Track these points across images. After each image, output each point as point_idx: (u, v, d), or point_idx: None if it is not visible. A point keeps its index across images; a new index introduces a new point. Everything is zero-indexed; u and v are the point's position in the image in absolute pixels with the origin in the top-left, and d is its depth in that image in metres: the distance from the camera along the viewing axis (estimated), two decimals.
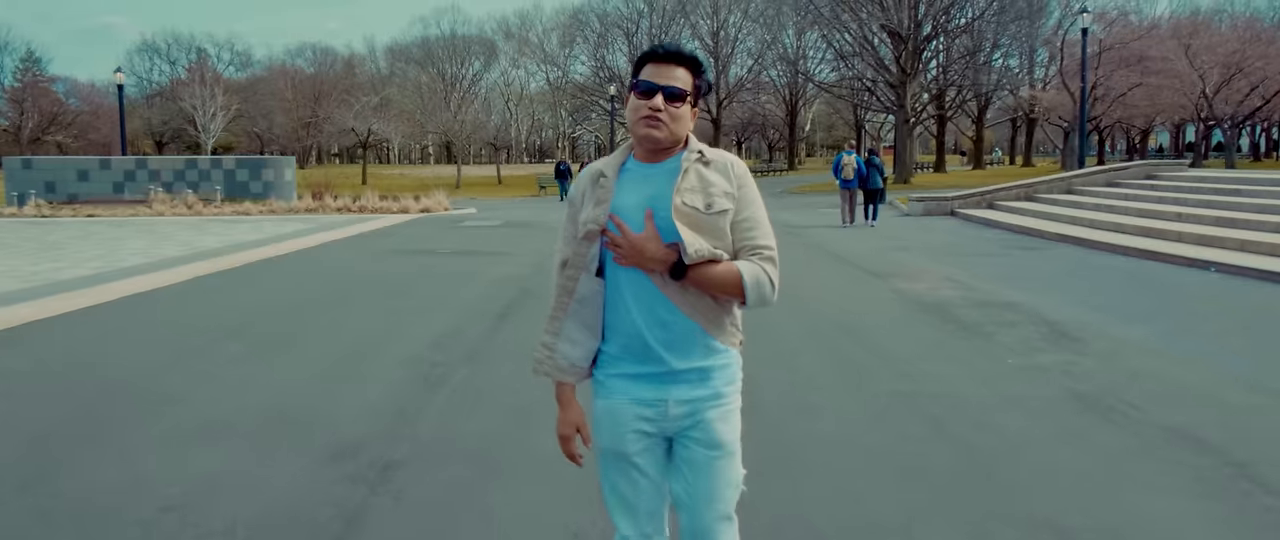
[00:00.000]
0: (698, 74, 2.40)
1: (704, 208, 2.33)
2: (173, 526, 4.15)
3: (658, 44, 2.43)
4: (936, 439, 5.36)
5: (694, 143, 2.45)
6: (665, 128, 2.35)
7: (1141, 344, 7.95)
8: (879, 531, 4.06)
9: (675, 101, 2.35)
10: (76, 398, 6.50)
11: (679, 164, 2.38)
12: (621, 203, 2.35)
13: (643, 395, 2.39)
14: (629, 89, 2.43)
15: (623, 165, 2.44)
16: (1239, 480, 4.62)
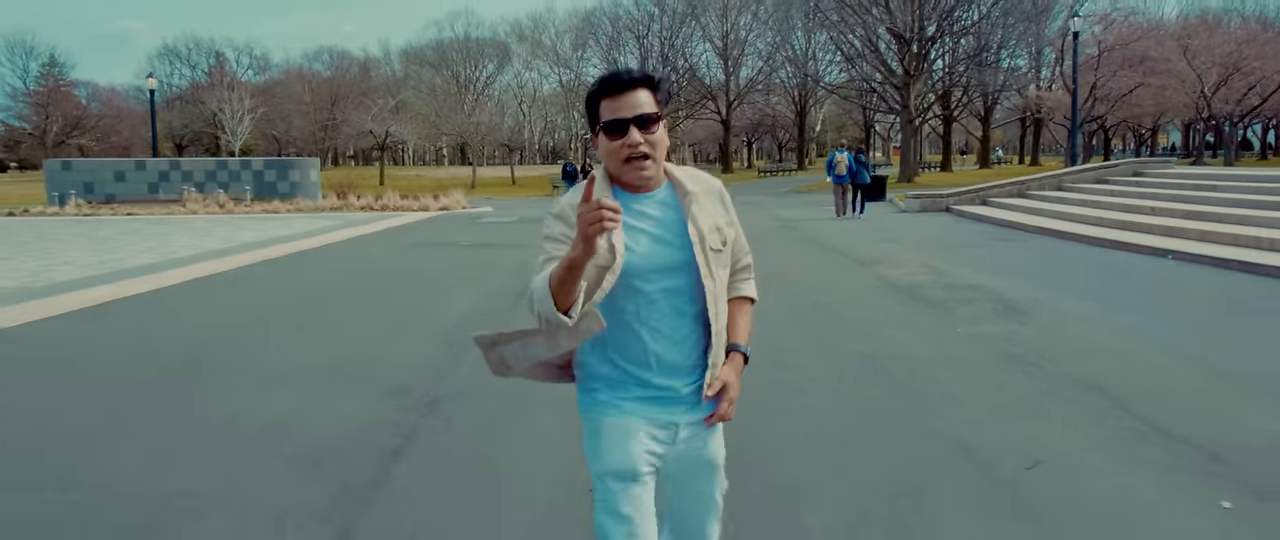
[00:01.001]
0: (656, 89, 2.32)
1: (722, 245, 2.39)
2: (274, 440, 5.39)
3: (606, 75, 2.33)
4: (881, 385, 6.55)
5: (675, 171, 2.40)
6: (651, 164, 2.30)
7: (1080, 317, 9.11)
8: (822, 444, 5.25)
9: (649, 127, 2.27)
10: (167, 357, 7.76)
11: (668, 195, 2.36)
12: (632, 238, 2.29)
13: (657, 417, 2.37)
14: (594, 130, 2.34)
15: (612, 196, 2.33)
16: (1115, 410, 5.80)
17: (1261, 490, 4.43)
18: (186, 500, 4.44)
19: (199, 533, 4.08)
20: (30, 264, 13.63)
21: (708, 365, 2.38)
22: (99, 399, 6.42)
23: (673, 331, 2.34)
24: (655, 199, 2.34)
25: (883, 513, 4.22)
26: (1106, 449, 5.10)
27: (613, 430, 2.37)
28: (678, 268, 2.31)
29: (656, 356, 2.34)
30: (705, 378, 2.38)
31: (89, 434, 5.62)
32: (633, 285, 2.30)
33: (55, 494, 4.59)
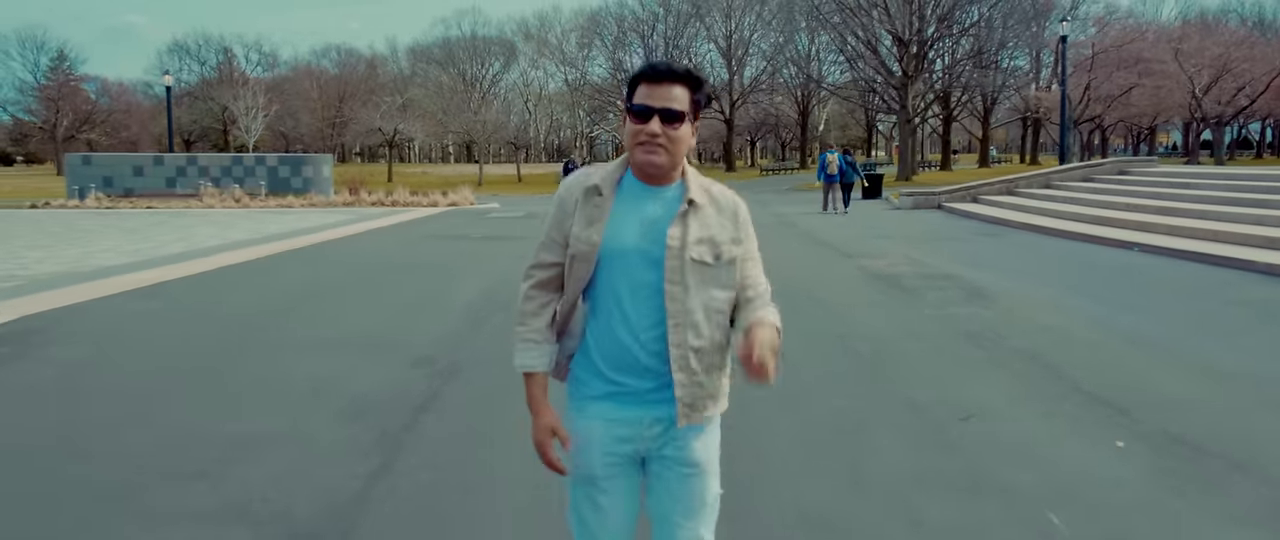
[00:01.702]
0: (696, 89, 2.31)
1: (712, 259, 2.30)
2: (322, 395, 6.32)
3: (652, 62, 2.36)
4: (847, 357, 7.47)
5: (693, 177, 2.36)
6: (664, 153, 2.27)
7: (1039, 301, 10.02)
8: (785, 396, 6.16)
9: (673, 123, 2.26)
10: (220, 329, 8.72)
11: (676, 195, 2.33)
12: (617, 227, 2.30)
13: (618, 415, 2.35)
14: (624, 111, 2.35)
15: (619, 181, 2.36)
16: (1048, 376, 6.72)
17: (1150, 435, 5.33)
18: (254, 439, 5.37)
19: (268, 463, 5.00)
20: (71, 251, 14.65)
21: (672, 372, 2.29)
22: (166, 362, 7.38)
23: (639, 326, 2.30)
24: (662, 196, 2.32)
25: (828, 441, 5.15)
26: (1031, 404, 6.02)
27: (575, 436, 2.38)
28: (650, 265, 2.28)
29: (622, 348, 2.31)
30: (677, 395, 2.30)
31: (162, 389, 6.56)
32: (609, 271, 2.31)
33: (141, 432, 5.51)
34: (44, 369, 7.17)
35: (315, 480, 4.69)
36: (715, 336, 2.34)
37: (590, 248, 2.29)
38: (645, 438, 2.35)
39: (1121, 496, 4.41)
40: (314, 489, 4.56)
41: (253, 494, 4.49)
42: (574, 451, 2.39)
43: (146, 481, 4.70)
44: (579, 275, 2.32)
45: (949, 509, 4.27)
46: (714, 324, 2.33)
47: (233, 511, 4.28)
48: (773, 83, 77.20)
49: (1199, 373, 6.82)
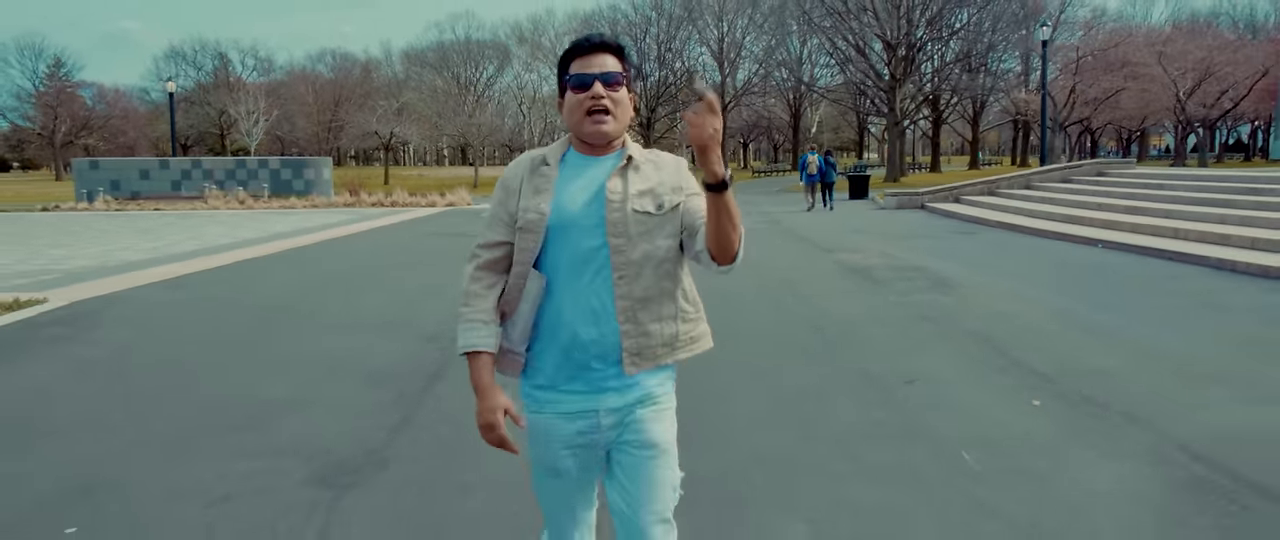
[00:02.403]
0: (624, 58, 2.38)
1: (655, 209, 2.33)
2: (345, 366, 7.17)
3: (577, 38, 2.41)
4: (815, 336, 8.32)
5: (632, 143, 2.43)
6: (611, 119, 2.33)
7: (996, 290, 10.88)
8: (752, 367, 7.02)
9: (614, 86, 2.32)
10: (246, 314, 9.56)
11: (617, 160, 2.37)
12: (563, 191, 2.33)
13: (573, 408, 2.36)
14: (560, 91, 2.39)
15: (563, 156, 2.42)
16: (991, 352, 7.57)
17: (1066, 397, 6.18)
18: (290, 401, 6.21)
19: (305, 418, 5.83)
20: (93, 249, 15.50)
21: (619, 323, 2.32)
22: (200, 342, 8.22)
23: (590, 294, 2.31)
24: (604, 163, 2.37)
25: (788, 402, 5.99)
26: (971, 375, 6.87)
27: (532, 427, 2.42)
28: (594, 224, 2.30)
29: (572, 323, 2.32)
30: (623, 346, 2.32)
31: (201, 364, 7.40)
32: (557, 241, 2.32)
33: (190, 396, 6.35)
34: (97, 348, 8.02)
35: (348, 430, 5.53)
36: (663, 285, 2.36)
37: (539, 216, 2.31)
38: (603, 428, 2.36)
39: (1026, 441, 5.27)
40: (348, 436, 5.40)
41: (296, 439, 5.33)
42: (533, 444, 2.44)
43: (204, 433, 5.54)
44: (527, 247, 2.33)
45: (884, 451, 5.12)
46: (662, 273, 2.35)
47: (283, 451, 5.13)
48: (765, 85, 78.05)
49: (1126, 350, 7.66)
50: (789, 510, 4.24)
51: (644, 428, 2.38)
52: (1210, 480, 4.57)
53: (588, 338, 2.32)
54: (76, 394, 6.52)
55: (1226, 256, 12.63)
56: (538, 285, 2.34)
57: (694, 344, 2.49)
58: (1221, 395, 6.15)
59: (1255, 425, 5.47)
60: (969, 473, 4.74)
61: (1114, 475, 4.68)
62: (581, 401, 2.36)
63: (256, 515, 4.25)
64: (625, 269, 2.31)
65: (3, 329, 8.69)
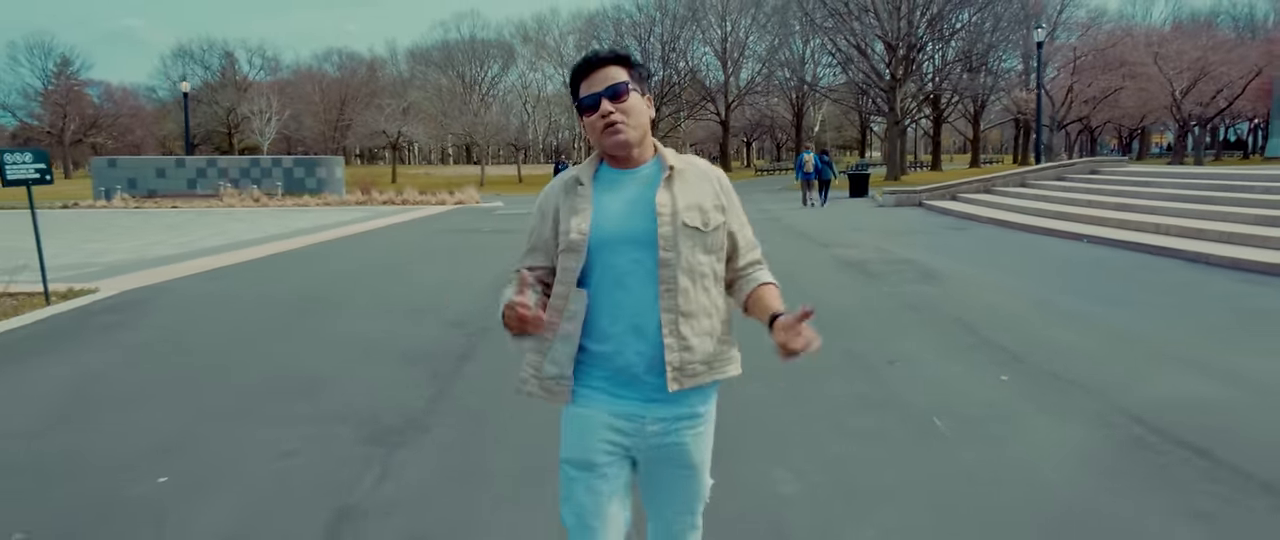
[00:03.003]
0: (630, 66, 2.39)
1: (702, 225, 2.36)
2: (380, 347, 7.89)
3: (583, 56, 2.42)
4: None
5: (666, 150, 2.45)
6: (627, 128, 2.34)
7: (980, 281, 11.58)
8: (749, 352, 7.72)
9: (620, 97, 2.33)
10: (284, 302, 10.30)
11: (656, 170, 2.39)
12: (602, 214, 2.35)
13: (620, 410, 2.38)
14: (578, 111, 2.41)
15: (596, 172, 2.44)
16: (968, 334, 8.27)
17: (1031, 372, 6.88)
18: (333, 376, 6.93)
19: (349, 390, 6.55)
20: (128, 243, 16.28)
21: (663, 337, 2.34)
22: (243, 326, 8.97)
23: (631, 307, 2.34)
24: (639, 175, 2.39)
25: (780, 379, 6.70)
26: (947, 353, 7.58)
27: (574, 420, 2.42)
28: (643, 240, 2.32)
29: (618, 338, 2.35)
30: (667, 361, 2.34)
31: (247, 345, 8.14)
32: (600, 258, 2.34)
33: (241, 372, 7.08)
34: (151, 332, 8.76)
35: (389, 399, 6.25)
36: (701, 301, 2.40)
37: (581, 237, 2.33)
38: (647, 434, 2.39)
39: (990, 409, 5.97)
40: (389, 405, 6.12)
41: (345, 409, 6.05)
42: (570, 435, 2.44)
43: (261, 404, 6.26)
44: (570, 267, 2.35)
45: (864, 418, 5.82)
46: (701, 288, 2.39)
47: (333, 417, 5.85)
48: (768, 85, 78.66)
49: (1093, 334, 8.35)
50: (777, 462, 4.95)
51: (685, 449, 2.44)
52: (1146, 440, 5.27)
53: (634, 352, 2.35)
54: (139, 372, 7.25)
55: (1202, 250, 13.32)
56: (581, 303, 2.36)
57: (727, 366, 2.52)
58: (1171, 372, 6.85)
59: (1195, 396, 6.17)
60: (937, 434, 5.44)
61: (1063, 436, 5.39)
62: (632, 406, 2.38)
63: (320, 467, 4.97)
64: (671, 282, 2.33)
65: (62, 315, 9.46)
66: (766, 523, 4.16)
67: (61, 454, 5.22)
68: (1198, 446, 5.09)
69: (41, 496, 4.58)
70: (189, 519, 4.27)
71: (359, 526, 4.18)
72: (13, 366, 7.46)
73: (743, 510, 4.28)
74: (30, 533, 4.13)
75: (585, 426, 2.40)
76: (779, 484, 4.65)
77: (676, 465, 2.44)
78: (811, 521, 4.20)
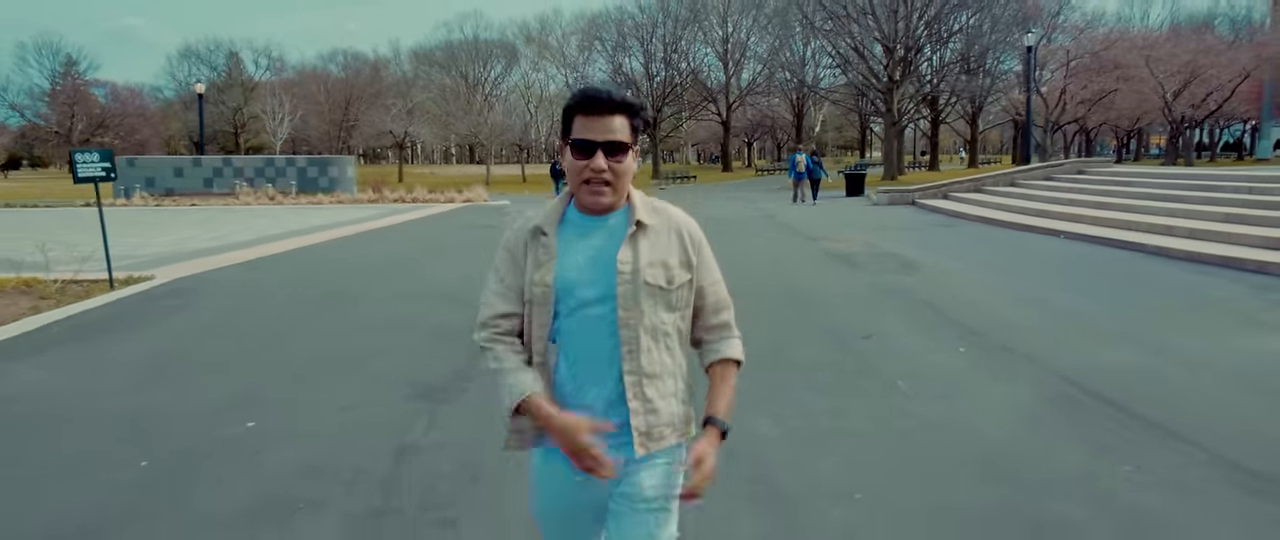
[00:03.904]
0: (635, 115, 2.26)
1: (665, 283, 2.29)
2: (413, 326, 8.91)
3: (587, 91, 2.25)
4: (791, 305, 10.04)
5: (639, 199, 2.34)
6: (610, 191, 2.25)
7: (953, 272, 12.58)
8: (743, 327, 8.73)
9: (617, 155, 2.23)
10: (320, 288, 11.32)
11: (624, 221, 2.31)
12: (567, 264, 2.27)
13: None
14: (562, 141, 2.28)
15: (562, 216, 2.34)
16: (933, 314, 9.28)
17: (986, 345, 7.89)
18: (375, 349, 7.94)
19: (391, 360, 7.55)
20: (163, 238, 17.33)
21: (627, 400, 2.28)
22: (288, 309, 10.00)
23: (593, 363, 2.29)
24: (607, 223, 2.30)
25: (765, 349, 7.71)
26: (913, 330, 8.59)
27: (539, 473, 2.41)
28: (603, 296, 2.26)
29: (576, 389, 2.30)
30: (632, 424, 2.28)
31: (295, 324, 9.16)
32: (561, 308, 2.28)
33: (294, 346, 8.10)
34: (208, 312, 9.80)
35: (428, 367, 7.26)
36: (665, 361, 2.33)
37: (545, 289, 2.26)
38: (602, 483, 2.30)
39: (946, 374, 6.98)
40: (429, 371, 7.13)
41: (390, 373, 7.06)
42: (542, 493, 2.43)
43: (316, 370, 7.28)
44: (541, 321, 2.29)
45: (839, 381, 6.83)
46: (662, 347, 2.32)
47: (381, 380, 6.86)
48: (769, 86, 79.51)
49: (1048, 315, 9.36)
50: (762, 414, 5.95)
51: (643, 483, 2.33)
52: (1074, 397, 6.27)
53: (589, 397, 2.30)
54: (206, 345, 8.28)
55: (1165, 244, 14.33)
56: (553, 355, 2.31)
57: (689, 426, 2.42)
58: (1107, 346, 7.86)
59: (1123, 365, 7.17)
60: (898, 393, 6.45)
61: (1002, 393, 6.40)
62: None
63: (378, 416, 5.98)
64: (632, 343, 2.27)
65: (128, 299, 10.52)
66: (750, 456, 5.15)
67: (159, 406, 6.23)
68: (1115, 402, 6.09)
69: (151, 437, 5.59)
70: (279, 452, 5.27)
71: (419, 458, 5.18)
72: (97, 339, 8.49)
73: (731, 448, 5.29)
74: (151, 463, 5.14)
75: (549, 477, 2.39)
76: (761, 428, 5.65)
77: (637, 499, 2.32)
78: (786, 454, 5.20)
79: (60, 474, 4.93)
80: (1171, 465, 4.92)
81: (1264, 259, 12.25)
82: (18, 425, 5.86)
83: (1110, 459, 5.01)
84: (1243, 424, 5.60)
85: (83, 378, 7.06)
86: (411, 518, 4.36)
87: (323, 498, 4.56)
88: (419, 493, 4.66)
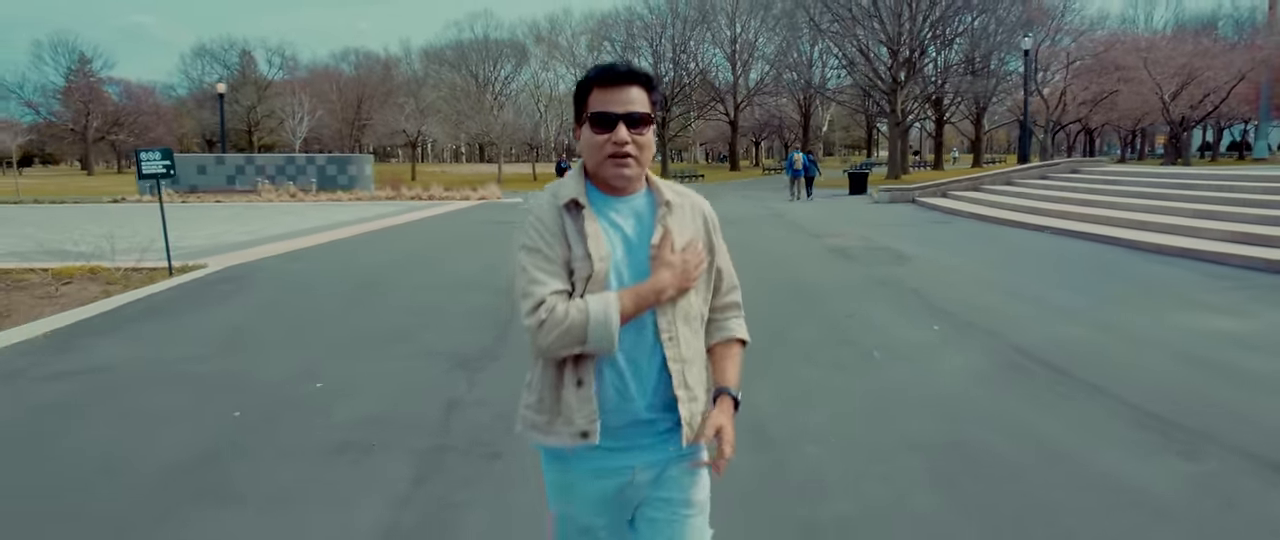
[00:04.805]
0: (652, 90, 2.19)
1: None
2: (445, 308, 9.96)
3: (606, 64, 2.17)
4: (792, 293, 11.07)
5: (655, 180, 2.28)
6: (635, 163, 2.17)
7: (942, 263, 13.59)
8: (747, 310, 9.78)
9: (640, 127, 2.15)
10: (357, 277, 12.38)
11: (646, 202, 2.25)
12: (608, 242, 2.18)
13: (607, 464, 2.24)
14: (578, 120, 2.20)
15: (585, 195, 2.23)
16: (918, 300, 10.31)
17: (957, 324, 8.90)
18: (415, 326, 9.00)
19: (431, 334, 8.59)
20: (201, 232, 18.44)
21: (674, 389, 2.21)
22: (332, 293, 11.07)
23: (637, 350, 2.19)
24: (631, 205, 2.22)
25: (765, 328, 8.72)
26: (898, 313, 9.62)
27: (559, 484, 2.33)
28: (639, 278, 2.16)
29: (617, 378, 2.20)
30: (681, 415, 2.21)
31: (341, 305, 10.23)
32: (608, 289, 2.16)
33: (344, 324, 9.16)
34: (262, 295, 10.89)
35: (463, 342, 8.30)
36: (697, 346, 2.30)
37: (603, 263, 2.15)
38: (638, 484, 2.26)
39: (918, 346, 8.00)
40: (465, 346, 8.17)
41: (431, 346, 8.11)
42: (559, 503, 2.34)
43: (365, 343, 8.34)
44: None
45: (825, 351, 7.85)
46: (694, 331, 2.28)
47: (424, 352, 7.91)
48: (776, 86, 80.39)
49: (1017, 299, 10.36)
50: (760, 381, 6.97)
51: (683, 486, 2.28)
52: (1022, 363, 7.29)
53: (637, 401, 2.21)
54: (266, 323, 9.36)
55: (1138, 238, 15.32)
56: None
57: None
58: (1061, 323, 8.87)
59: (1071, 338, 8.19)
60: (874, 362, 7.48)
61: (964, 361, 7.42)
62: (616, 458, 2.24)
63: (426, 379, 7.02)
64: (671, 329, 2.21)
65: (188, 284, 11.62)
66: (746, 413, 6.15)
67: (238, 372, 7.29)
68: (1058, 367, 7.12)
69: (238, 395, 6.64)
70: (348, 406, 6.32)
71: (465, 411, 6.22)
72: (171, 318, 9.57)
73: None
74: (242, 413, 6.19)
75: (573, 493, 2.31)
76: (757, 395, 6.65)
77: (677, 504, 2.27)
78: (780, 412, 6.21)
79: (171, 421, 5.98)
80: (1085, 410, 5.95)
81: (1222, 251, 13.25)
82: (121, 388, 6.91)
83: (1038, 406, 6.04)
84: (1155, 381, 6.62)
85: (166, 349, 8.12)
86: (464, 452, 5.38)
87: (390, 440, 5.59)
88: (468, 435, 5.68)
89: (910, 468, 4.98)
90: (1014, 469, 4.92)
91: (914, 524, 4.26)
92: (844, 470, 4.97)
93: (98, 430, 5.80)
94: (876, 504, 4.49)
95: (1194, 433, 5.47)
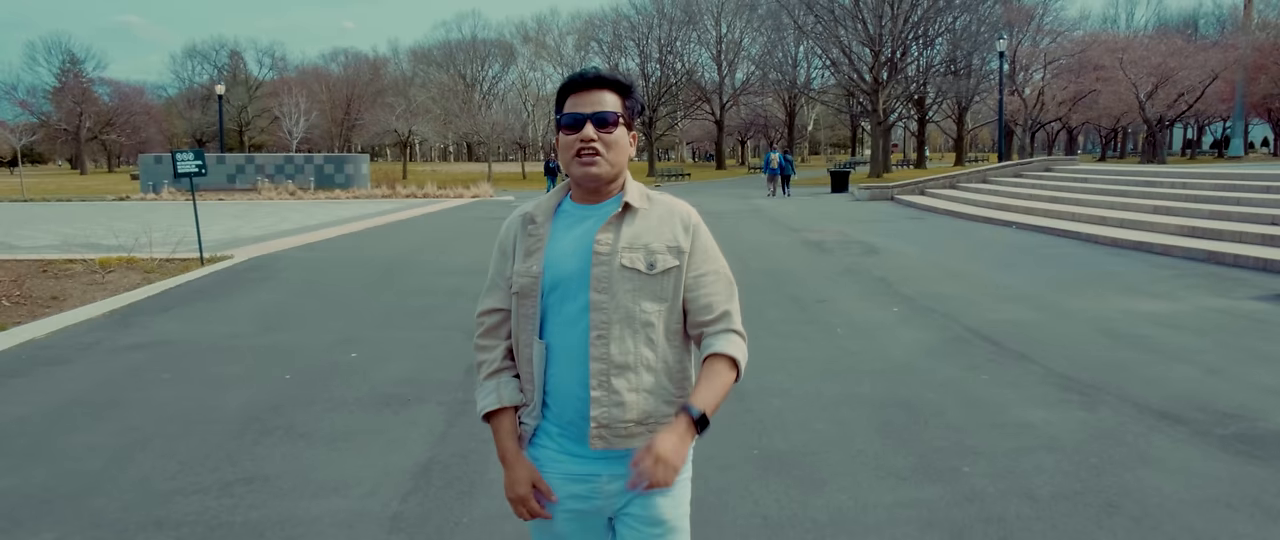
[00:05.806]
0: (626, 95, 2.23)
1: (645, 267, 2.17)
2: (456, 293, 11.03)
3: (576, 72, 2.24)
4: (767, 280, 12.17)
5: (633, 186, 2.27)
6: (602, 160, 2.18)
7: (908, 255, 14.71)
8: None
9: (606, 128, 2.17)
10: (372, 267, 13.43)
11: (617, 202, 2.23)
12: (556, 254, 2.20)
13: (574, 470, 2.22)
14: (556, 126, 2.25)
15: (557, 207, 2.29)
16: (883, 286, 11.42)
17: (916, 306, 10.01)
18: (434, 306, 10.06)
19: (449, 313, 9.65)
20: (214, 228, 19.44)
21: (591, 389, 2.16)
22: (352, 279, 12.13)
23: (572, 354, 2.18)
24: (599, 211, 2.24)
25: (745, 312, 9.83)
26: (864, 297, 10.73)
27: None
28: (579, 277, 2.17)
29: (560, 386, 2.21)
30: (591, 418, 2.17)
31: (363, 290, 11.29)
32: (552, 303, 2.20)
33: (371, 304, 10.22)
34: (290, 281, 11.96)
35: None
36: (643, 353, 2.19)
37: (531, 280, 2.19)
38: (606, 494, 2.22)
39: (877, 324, 9.11)
40: None
41: (451, 324, 9.17)
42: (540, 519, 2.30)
43: (391, 321, 9.41)
44: (527, 314, 2.22)
45: (791, 328, 8.94)
46: (642, 339, 2.19)
47: (445, 328, 8.98)
48: (762, 86, 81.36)
49: (972, 285, 11.48)
50: None
51: (654, 504, 2.23)
52: (966, 338, 8.40)
53: (575, 393, 2.19)
54: (299, 305, 10.43)
55: (1096, 232, 16.48)
56: (541, 354, 2.21)
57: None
58: (1007, 305, 10.00)
59: (1013, 318, 9.30)
60: (837, 336, 8.58)
61: (915, 336, 8.53)
62: (583, 464, 2.22)
63: (449, 350, 8.09)
64: (602, 328, 2.16)
65: (220, 272, 12.69)
66: None
67: (282, 344, 8.35)
68: (994, 340, 8.23)
69: (286, 362, 7.70)
70: (383, 370, 7.38)
71: None
72: (214, 301, 10.64)
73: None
74: (291, 376, 7.25)
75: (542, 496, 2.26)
76: None
77: (644, 522, 2.23)
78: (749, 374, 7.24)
79: (231, 384, 7.03)
80: (1013, 374, 7.06)
81: (1170, 243, 14.42)
82: (181, 358, 7.96)
83: (973, 372, 7.15)
84: (1080, 352, 7.75)
85: (215, 326, 9.18)
86: None
87: (423, 395, 6.65)
88: None
89: (856, 415, 6.07)
90: (940, 414, 6.02)
91: (855, 453, 5.35)
92: (801, 416, 6.05)
93: (178, 389, 6.85)
94: (825, 439, 5.58)
95: (1099, 388, 6.58)
